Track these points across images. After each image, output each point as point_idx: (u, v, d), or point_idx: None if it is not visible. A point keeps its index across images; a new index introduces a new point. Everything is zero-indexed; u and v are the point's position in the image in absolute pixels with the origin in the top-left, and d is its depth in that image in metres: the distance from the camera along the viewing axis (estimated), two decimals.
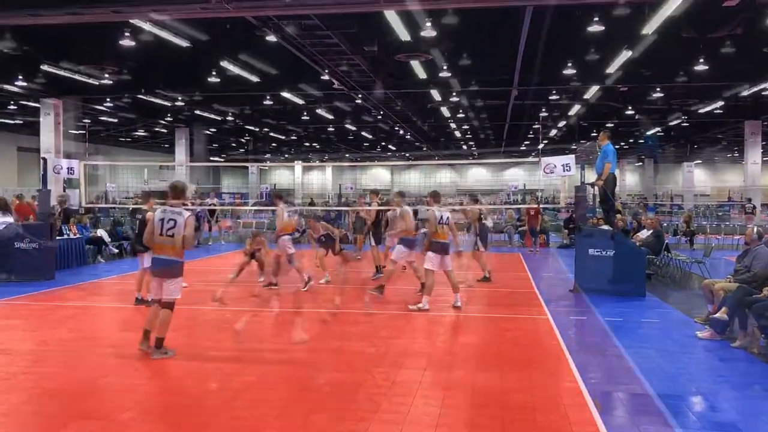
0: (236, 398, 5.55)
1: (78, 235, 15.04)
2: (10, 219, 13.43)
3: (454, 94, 26.83)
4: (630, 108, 31.21)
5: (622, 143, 45.65)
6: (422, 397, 5.56)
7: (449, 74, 20.63)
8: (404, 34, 16.09)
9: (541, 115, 32.98)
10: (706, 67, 19.27)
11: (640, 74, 21.49)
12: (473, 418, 5.05)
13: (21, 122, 33.65)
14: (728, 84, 23.37)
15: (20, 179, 37.33)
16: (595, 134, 42.41)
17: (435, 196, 10.37)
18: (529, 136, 44.67)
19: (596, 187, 11.84)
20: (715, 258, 14.69)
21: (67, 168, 12.51)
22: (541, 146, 50.07)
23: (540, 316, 9.34)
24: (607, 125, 37.68)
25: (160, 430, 4.84)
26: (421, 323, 8.87)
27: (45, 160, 12.86)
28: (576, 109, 30.96)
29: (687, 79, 21.72)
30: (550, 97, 28.13)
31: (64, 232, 14.42)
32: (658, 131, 40.01)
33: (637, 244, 12.76)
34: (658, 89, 26.19)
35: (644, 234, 13.72)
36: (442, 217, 9.84)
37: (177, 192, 7.36)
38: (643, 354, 7.07)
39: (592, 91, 25.78)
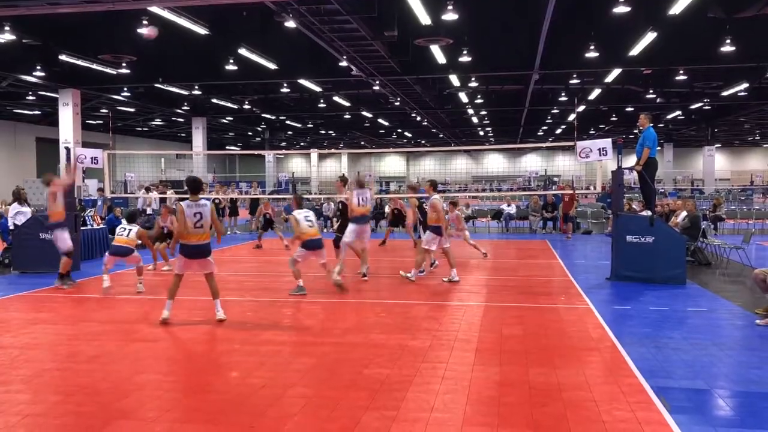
0: (283, 396, 5.30)
1: (101, 226, 14.88)
2: (27, 210, 13.29)
3: (473, 79, 26.49)
4: (651, 91, 30.65)
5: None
6: (477, 395, 5.28)
7: (469, 58, 20.27)
8: (425, 18, 15.76)
9: (560, 99, 32.44)
10: (732, 49, 18.80)
11: (664, 56, 21.04)
12: (536, 417, 4.75)
13: (39, 113, 33.68)
14: (755, 65, 22.83)
15: (39, 170, 37.44)
16: (614, 119, 41.91)
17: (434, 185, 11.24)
18: (548, 121, 44.11)
19: (635, 172, 11.47)
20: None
21: (91, 158, 12.32)
22: (558, 131, 49.64)
23: (581, 305, 9.03)
24: (626, 109, 37.20)
25: (206, 431, 4.60)
26: (461, 314, 8.58)
27: (68, 149, 12.65)
28: (596, 93, 30.49)
29: (712, 61, 21.27)
30: (571, 81, 27.70)
31: (88, 222, 14.26)
32: (678, 115, 39.40)
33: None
34: (681, 72, 25.70)
35: (680, 218, 13.33)
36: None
37: (196, 187, 8.16)
38: (699, 345, 6.75)
39: (614, 75, 25.33)
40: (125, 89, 27.21)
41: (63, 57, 20.06)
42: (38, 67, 21.40)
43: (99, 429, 4.63)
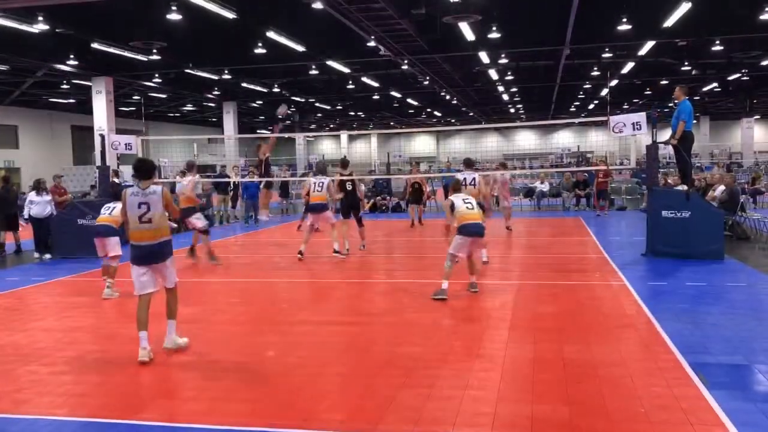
0: (319, 374, 5.36)
1: None
2: (41, 199, 13.40)
3: (503, 55, 26.11)
4: (687, 64, 29.87)
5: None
6: (511, 373, 5.27)
7: (499, 35, 19.97)
8: None
9: (592, 74, 31.82)
10: None
11: (700, 26, 20.46)
12: (571, 394, 4.73)
13: (74, 101, 34.23)
14: None
15: (76, 157, 38.11)
16: (648, 92, 41.01)
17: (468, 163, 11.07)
18: (580, 96, 43.38)
19: (671, 147, 11.26)
20: None
21: (125, 144, 12.51)
22: (591, 106, 48.81)
23: (616, 282, 8.93)
24: (661, 83, 36.37)
25: (242, 410, 4.67)
26: (492, 292, 8.56)
27: (102, 137, 12.87)
28: (629, 67, 29.84)
29: (751, 29, 20.63)
30: (603, 55, 27.13)
31: None
32: (715, 87, 38.41)
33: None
34: (717, 42, 24.97)
35: (717, 192, 13.07)
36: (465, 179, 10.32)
37: (142, 172, 6.13)
38: (738, 321, 6.63)
39: (647, 47, 24.74)
40: (156, 75, 27.47)
41: (95, 45, 20.30)
42: (71, 56, 21.70)
43: (139, 408, 4.75)
